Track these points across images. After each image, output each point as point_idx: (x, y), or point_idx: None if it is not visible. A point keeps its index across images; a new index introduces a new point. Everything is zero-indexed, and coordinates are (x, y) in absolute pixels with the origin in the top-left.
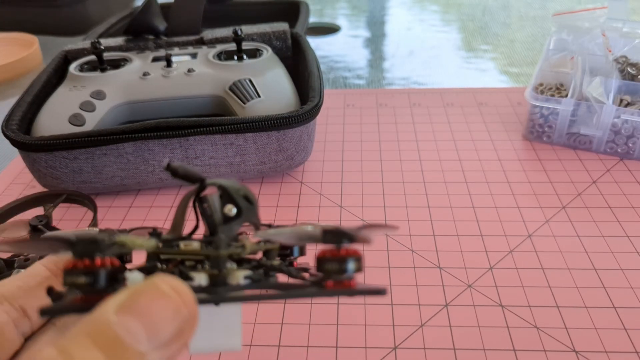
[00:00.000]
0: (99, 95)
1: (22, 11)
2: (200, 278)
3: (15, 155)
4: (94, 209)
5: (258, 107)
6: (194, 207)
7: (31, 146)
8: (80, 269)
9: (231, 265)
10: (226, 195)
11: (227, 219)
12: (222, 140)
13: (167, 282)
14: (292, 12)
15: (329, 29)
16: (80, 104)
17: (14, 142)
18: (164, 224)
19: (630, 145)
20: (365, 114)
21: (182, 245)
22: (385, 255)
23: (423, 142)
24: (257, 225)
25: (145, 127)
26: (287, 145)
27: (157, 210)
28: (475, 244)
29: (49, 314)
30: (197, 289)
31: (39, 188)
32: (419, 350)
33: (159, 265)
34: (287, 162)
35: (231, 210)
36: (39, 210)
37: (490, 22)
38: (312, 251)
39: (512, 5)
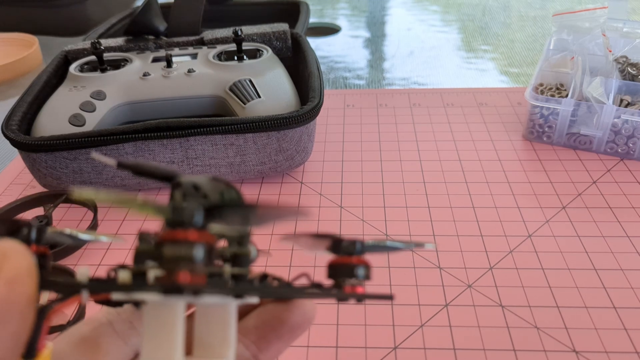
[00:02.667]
0: (99, 95)
1: (22, 11)
2: (123, 274)
3: (15, 156)
4: (94, 209)
5: (258, 108)
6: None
7: (31, 146)
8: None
9: (152, 263)
10: (184, 192)
11: None
12: (223, 141)
13: None
14: (292, 12)
15: (329, 30)
16: (81, 104)
17: (14, 143)
18: None
19: (630, 145)
20: (365, 114)
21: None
22: (385, 255)
23: (423, 142)
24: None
25: (145, 127)
26: (287, 145)
27: None
28: (475, 244)
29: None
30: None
31: (39, 188)
32: (419, 350)
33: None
34: (287, 162)
35: None
36: (39, 211)
37: (490, 22)
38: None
39: (512, 5)
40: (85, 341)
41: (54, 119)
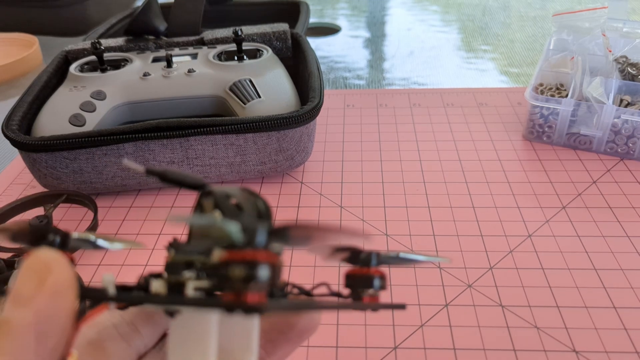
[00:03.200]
0: (99, 95)
1: (22, 11)
2: (155, 284)
3: (15, 156)
4: (95, 209)
5: (258, 108)
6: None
7: (31, 146)
8: None
9: (189, 274)
10: (215, 202)
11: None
12: (223, 141)
13: (27, 255)
14: (292, 12)
15: (329, 30)
16: (81, 104)
17: (14, 143)
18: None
19: (630, 145)
20: (365, 114)
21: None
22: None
23: (423, 142)
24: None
25: (145, 127)
26: (287, 145)
27: (158, 211)
28: (475, 244)
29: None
30: (154, 297)
31: (39, 188)
32: (419, 350)
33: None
34: (287, 162)
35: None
36: (39, 211)
37: (490, 22)
38: None
39: (512, 5)
40: (91, 345)
41: (54, 119)
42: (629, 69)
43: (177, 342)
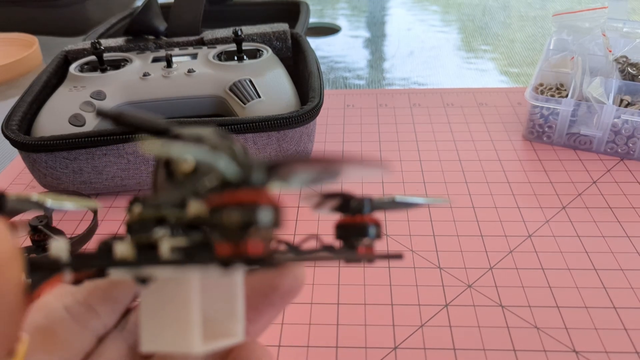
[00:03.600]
0: (99, 95)
1: (22, 11)
2: (120, 247)
3: (15, 156)
4: (94, 209)
5: (258, 108)
6: (164, 166)
7: (31, 146)
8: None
9: (161, 231)
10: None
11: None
12: None
13: None
14: (292, 12)
15: (329, 30)
16: (81, 104)
17: (14, 143)
18: None
19: (630, 145)
20: (365, 114)
21: (132, 210)
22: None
23: (423, 142)
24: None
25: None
26: (287, 145)
27: None
28: (475, 244)
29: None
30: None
31: (39, 188)
32: (419, 350)
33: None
34: None
35: (187, 164)
36: (39, 211)
37: (490, 22)
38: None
39: (512, 5)
40: (39, 331)
41: (54, 119)
42: (629, 69)
43: (152, 313)
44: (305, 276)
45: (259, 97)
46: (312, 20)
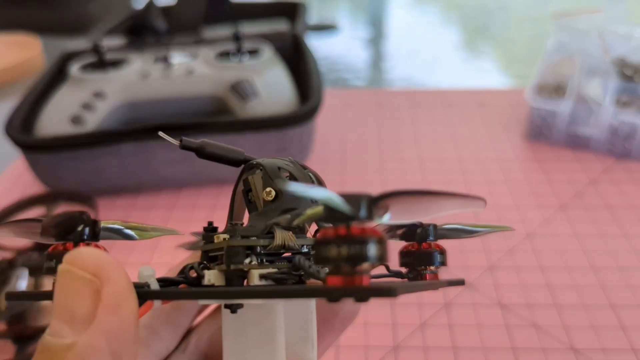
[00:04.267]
0: (100, 95)
1: (23, 11)
2: (210, 275)
3: (17, 156)
4: (95, 208)
5: (258, 107)
6: (243, 194)
7: (33, 147)
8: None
9: (252, 260)
10: (266, 177)
11: (267, 204)
12: (222, 140)
13: (67, 260)
14: (292, 12)
15: (329, 29)
16: (81, 104)
17: (16, 143)
18: (167, 223)
19: (627, 145)
20: (365, 114)
21: (216, 238)
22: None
23: (423, 142)
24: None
25: (145, 127)
26: (287, 145)
27: (158, 210)
28: (474, 243)
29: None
30: (207, 291)
31: (40, 188)
32: (419, 348)
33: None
34: None
35: (270, 193)
36: (40, 211)
37: (491, 23)
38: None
39: (512, 6)
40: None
41: (55, 120)
42: (626, 70)
43: (235, 338)
44: (360, 305)
45: (259, 96)
46: (312, 20)
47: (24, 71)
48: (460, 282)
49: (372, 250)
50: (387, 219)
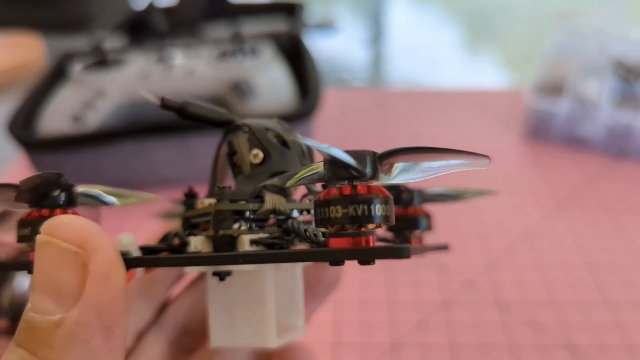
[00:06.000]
0: (101, 95)
1: (23, 10)
2: (197, 242)
3: (18, 155)
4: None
5: (258, 107)
6: (227, 157)
7: (33, 146)
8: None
9: (239, 225)
10: (252, 138)
11: (254, 167)
12: None
13: (46, 230)
14: (292, 12)
15: (329, 29)
16: (83, 103)
17: (18, 142)
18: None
19: (626, 145)
20: (365, 114)
21: (199, 204)
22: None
23: (423, 142)
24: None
25: (145, 127)
26: None
27: (158, 209)
28: (473, 241)
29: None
30: (192, 256)
31: None
32: (417, 346)
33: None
34: None
35: (257, 155)
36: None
37: (491, 23)
38: None
39: (512, 6)
40: None
41: (55, 119)
42: (624, 71)
43: (223, 308)
44: (342, 270)
45: (260, 96)
46: (312, 20)
47: (26, 73)
48: (443, 247)
49: (378, 209)
50: (393, 176)
